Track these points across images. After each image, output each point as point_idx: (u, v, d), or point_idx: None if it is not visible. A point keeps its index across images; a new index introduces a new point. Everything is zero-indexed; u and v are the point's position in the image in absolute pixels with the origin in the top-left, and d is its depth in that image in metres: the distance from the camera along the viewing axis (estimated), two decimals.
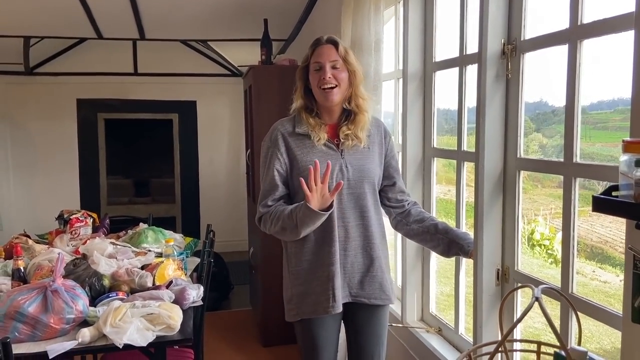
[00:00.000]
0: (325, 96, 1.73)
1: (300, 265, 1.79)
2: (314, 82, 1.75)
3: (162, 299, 1.91)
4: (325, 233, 1.75)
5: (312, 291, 1.78)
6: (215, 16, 4.04)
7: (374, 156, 1.82)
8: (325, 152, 1.76)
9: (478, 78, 1.77)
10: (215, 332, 3.81)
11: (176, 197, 6.37)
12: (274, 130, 1.82)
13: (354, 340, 1.90)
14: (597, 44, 1.42)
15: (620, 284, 1.12)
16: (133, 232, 2.71)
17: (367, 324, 1.88)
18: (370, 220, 1.81)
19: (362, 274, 1.82)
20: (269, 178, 1.79)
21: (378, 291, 1.83)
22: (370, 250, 1.81)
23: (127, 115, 6.11)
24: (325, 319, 1.81)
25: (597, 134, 4.27)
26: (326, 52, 1.74)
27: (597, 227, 5.11)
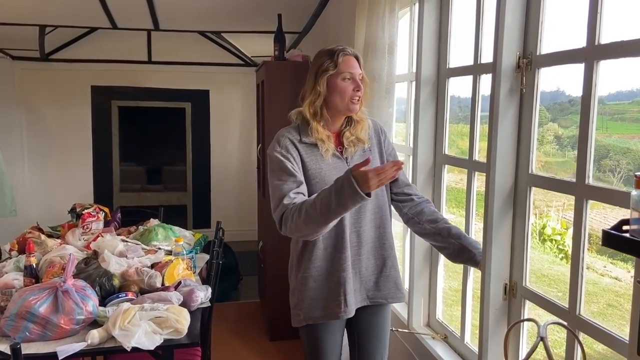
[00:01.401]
0: (352, 107, 1.75)
1: (309, 271, 1.79)
2: (345, 91, 1.72)
3: (171, 301, 1.93)
4: (336, 239, 1.76)
5: (322, 297, 1.79)
6: (230, 8, 4.02)
7: (375, 158, 1.84)
8: (334, 163, 1.77)
9: (492, 90, 1.75)
10: (223, 324, 3.85)
11: (187, 185, 6.41)
12: (281, 137, 1.79)
13: (358, 342, 1.92)
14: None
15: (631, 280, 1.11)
16: (144, 228, 2.74)
17: (371, 327, 1.90)
18: (381, 222, 1.84)
19: (376, 276, 1.85)
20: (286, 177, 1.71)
21: (394, 290, 1.88)
22: (382, 250, 1.85)
23: (140, 103, 6.14)
24: (332, 323, 1.83)
25: (614, 125, 4.19)
26: (355, 64, 1.75)
27: (609, 219, 5.05)
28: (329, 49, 1.78)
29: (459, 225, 1.99)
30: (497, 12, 1.70)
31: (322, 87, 1.72)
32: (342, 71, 1.72)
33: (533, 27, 1.66)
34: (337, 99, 1.73)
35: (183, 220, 6.20)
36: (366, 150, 1.83)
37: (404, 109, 2.83)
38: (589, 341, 3.32)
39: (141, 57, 5.87)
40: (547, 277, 5.72)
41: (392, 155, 1.92)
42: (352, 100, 1.73)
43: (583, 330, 1.47)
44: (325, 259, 1.78)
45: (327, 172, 1.75)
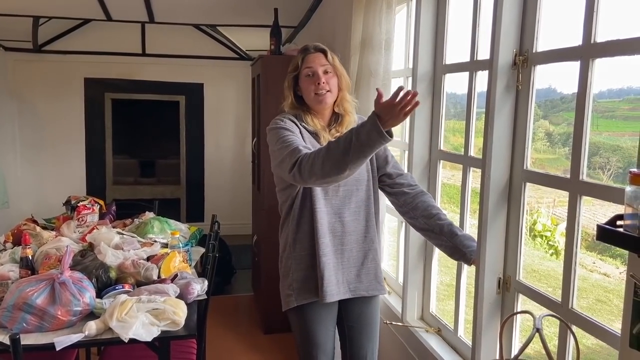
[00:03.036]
0: (319, 101, 1.80)
1: (301, 251, 1.85)
2: (308, 88, 1.80)
3: (168, 293, 1.95)
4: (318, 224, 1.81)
5: (311, 278, 1.84)
6: (225, 2, 4.01)
7: None
8: None
9: (488, 87, 1.77)
10: (217, 318, 3.87)
11: (181, 178, 6.40)
12: (283, 116, 1.84)
13: (348, 334, 1.96)
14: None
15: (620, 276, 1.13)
16: (139, 221, 2.74)
17: (361, 320, 1.95)
18: (366, 215, 1.90)
19: (358, 268, 1.89)
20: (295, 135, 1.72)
21: (374, 282, 1.92)
22: (365, 243, 1.90)
23: (134, 95, 6.11)
24: (322, 310, 1.86)
25: (604, 123, 4.23)
26: (317, 59, 1.81)
27: (599, 216, 5.12)
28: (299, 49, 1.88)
29: (454, 221, 2.02)
30: (494, 9, 1.72)
31: (288, 90, 1.84)
32: (303, 69, 1.81)
33: (530, 25, 1.68)
34: (305, 96, 1.83)
35: (177, 213, 6.19)
36: None
37: None
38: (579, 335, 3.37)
39: (135, 50, 5.84)
40: (537, 272, 5.78)
41: (378, 154, 1.94)
42: (316, 94, 1.80)
43: (576, 324, 1.50)
44: (311, 242, 1.83)
45: None
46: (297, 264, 1.85)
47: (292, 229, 1.87)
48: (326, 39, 3.64)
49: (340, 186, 1.83)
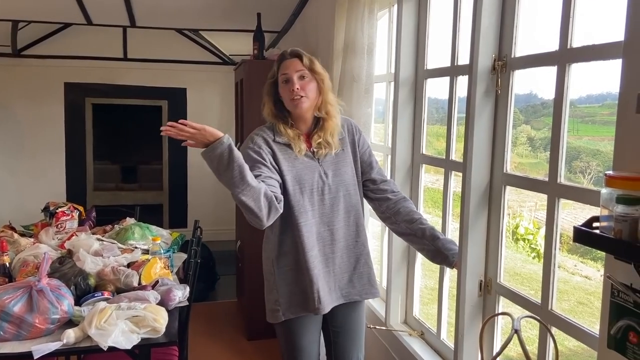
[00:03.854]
0: (295, 106, 1.79)
1: (288, 265, 1.82)
2: (285, 94, 1.80)
3: (148, 300, 1.92)
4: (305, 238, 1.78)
5: (300, 290, 1.81)
6: (208, 6, 3.99)
7: (348, 157, 1.89)
8: (307, 162, 1.82)
9: (468, 91, 1.78)
10: (200, 324, 3.83)
11: (164, 184, 6.34)
12: (255, 135, 1.83)
13: (334, 340, 1.95)
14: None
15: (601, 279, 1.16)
16: (120, 227, 2.70)
17: (346, 324, 1.94)
18: (355, 220, 1.88)
19: (350, 273, 1.88)
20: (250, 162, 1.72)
21: (368, 286, 1.91)
22: (355, 248, 1.89)
23: (115, 100, 6.05)
24: (308, 320, 1.85)
25: (584, 128, 4.30)
26: (292, 65, 1.80)
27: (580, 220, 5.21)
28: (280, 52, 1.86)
29: (436, 225, 2.03)
30: (473, 15, 1.74)
31: (267, 96, 1.84)
32: (280, 75, 1.81)
33: (508, 31, 1.71)
34: (285, 102, 1.82)
35: (159, 219, 6.13)
36: (339, 151, 1.87)
37: (382, 109, 2.86)
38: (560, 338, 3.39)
39: (117, 54, 5.79)
40: (519, 275, 5.84)
41: (367, 153, 1.96)
42: (292, 100, 1.78)
43: (555, 325, 1.52)
44: (297, 257, 1.80)
45: (302, 170, 1.79)
46: (282, 280, 1.83)
47: (275, 244, 1.84)
48: (309, 43, 3.64)
49: (325, 194, 1.81)
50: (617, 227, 1.02)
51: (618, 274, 1.14)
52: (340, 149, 1.87)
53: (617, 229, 1.02)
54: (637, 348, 1.11)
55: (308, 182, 1.79)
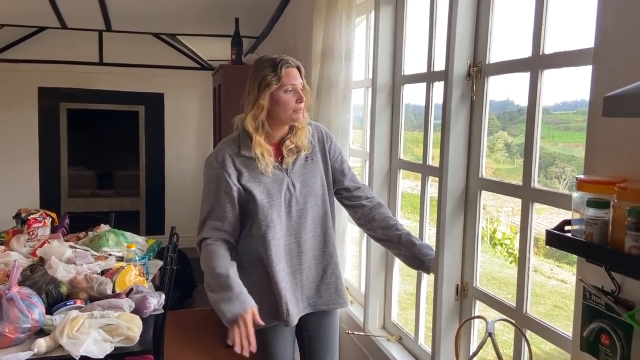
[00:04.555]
0: (295, 117, 1.75)
1: (254, 277, 1.79)
2: (288, 104, 1.71)
3: (122, 308, 1.89)
4: (272, 252, 1.75)
5: (267, 302, 1.77)
6: (185, 11, 3.97)
7: (318, 167, 1.85)
8: (273, 175, 1.76)
9: (444, 97, 1.80)
10: (176, 332, 3.77)
11: (141, 190, 6.25)
12: (219, 150, 1.77)
13: (308, 345, 1.94)
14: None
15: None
16: (94, 234, 2.65)
17: (320, 330, 1.92)
18: (322, 230, 1.85)
19: (317, 283, 1.86)
20: (215, 202, 1.73)
21: (335, 296, 1.88)
22: (323, 258, 1.86)
23: (90, 105, 5.95)
24: (281, 327, 1.83)
25: (559, 134, 4.38)
26: (297, 75, 1.74)
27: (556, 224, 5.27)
28: (270, 59, 1.74)
29: (414, 230, 2.04)
30: (448, 22, 1.76)
31: (265, 102, 1.70)
32: (285, 84, 1.70)
33: (482, 37, 1.73)
34: (281, 111, 1.72)
35: (136, 226, 6.03)
36: (308, 161, 1.83)
37: (360, 115, 2.87)
38: (537, 341, 3.43)
39: (92, 59, 5.70)
40: (497, 280, 5.91)
41: (339, 161, 1.91)
42: (295, 112, 1.73)
43: (530, 328, 1.53)
44: (265, 269, 1.77)
45: (267, 185, 1.75)
46: (250, 291, 1.75)
47: (244, 256, 1.80)
48: (288, 49, 3.65)
49: (292, 206, 1.78)
50: (588, 230, 1.03)
51: (590, 277, 1.16)
52: (311, 158, 1.84)
53: (588, 232, 1.03)
54: (609, 350, 1.12)
55: (276, 195, 1.75)
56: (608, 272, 1.08)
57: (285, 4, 3.69)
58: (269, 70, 1.70)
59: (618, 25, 1.13)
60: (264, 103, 1.70)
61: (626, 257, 0.96)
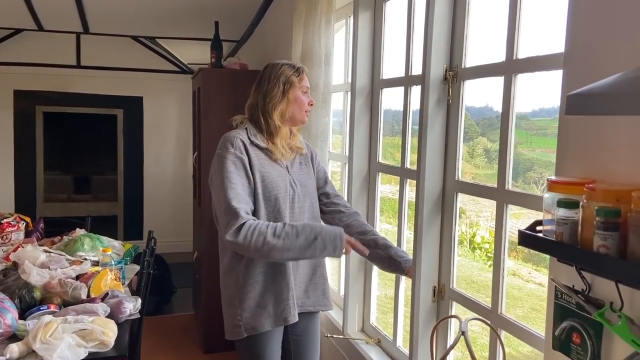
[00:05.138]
0: (304, 118, 1.88)
1: (253, 278, 1.77)
2: (303, 103, 1.85)
3: (97, 312, 1.85)
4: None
5: (267, 304, 1.77)
6: (165, 14, 3.94)
7: (310, 171, 1.94)
8: (280, 170, 1.82)
9: (421, 100, 1.82)
10: (154, 338, 3.72)
11: (119, 195, 6.16)
12: (232, 137, 1.77)
13: (294, 348, 1.93)
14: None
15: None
16: (69, 238, 2.60)
17: (305, 332, 1.94)
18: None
19: (306, 284, 1.88)
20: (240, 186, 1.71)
21: (321, 297, 1.91)
22: (314, 260, 1.88)
23: (67, 108, 5.85)
24: (274, 333, 1.82)
25: (537, 140, 4.45)
26: (308, 81, 1.89)
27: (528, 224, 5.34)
28: (289, 63, 1.87)
29: (393, 234, 2.05)
30: (425, 27, 1.78)
31: (292, 98, 1.83)
32: (303, 86, 1.85)
33: (458, 42, 1.76)
34: (297, 110, 1.84)
35: (114, 231, 5.94)
36: (302, 165, 1.90)
37: (341, 120, 2.88)
38: (515, 343, 3.45)
39: (69, 61, 5.62)
40: (476, 283, 5.97)
41: (322, 170, 2.01)
42: (306, 113, 1.88)
43: (504, 329, 1.55)
44: (270, 265, 1.77)
45: (276, 178, 1.79)
46: (246, 294, 1.77)
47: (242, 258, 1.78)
48: (268, 53, 3.65)
49: (295, 203, 1.82)
50: (558, 230, 1.05)
51: (561, 276, 1.18)
52: (304, 163, 1.91)
53: (559, 232, 1.05)
54: (580, 348, 1.15)
55: (282, 189, 1.79)
56: (578, 271, 1.10)
57: (265, 8, 3.69)
58: (292, 71, 1.84)
59: (587, 31, 1.16)
60: (292, 99, 1.82)
61: (595, 256, 0.98)
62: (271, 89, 1.81)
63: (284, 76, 1.82)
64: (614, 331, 1.04)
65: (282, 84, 1.81)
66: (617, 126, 1.08)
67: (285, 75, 1.82)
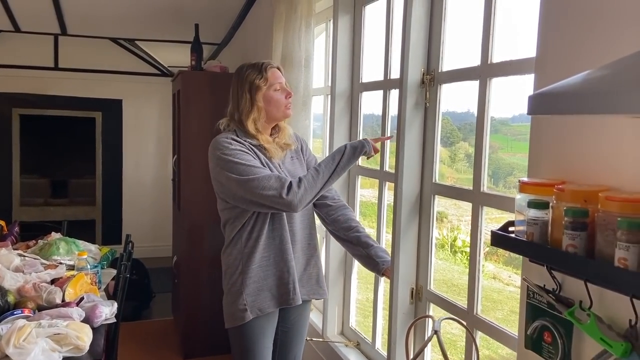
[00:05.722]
0: (287, 113, 1.85)
1: (255, 263, 1.80)
2: (279, 101, 1.82)
3: (71, 317, 1.83)
4: (282, 231, 1.82)
5: (268, 287, 1.81)
6: (144, 16, 3.91)
7: (302, 165, 1.95)
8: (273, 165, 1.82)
9: (399, 104, 1.84)
10: (133, 344, 3.67)
11: (97, 199, 6.07)
12: (224, 137, 1.78)
13: (282, 338, 1.96)
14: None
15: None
16: (44, 242, 2.56)
17: (296, 323, 1.96)
18: (309, 223, 1.93)
19: (300, 273, 1.91)
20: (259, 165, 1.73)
21: (315, 286, 1.94)
22: (308, 250, 1.93)
23: (45, 111, 5.75)
24: (268, 323, 1.85)
25: (517, 145, 4.52)
26: (280, 74, 1.85)
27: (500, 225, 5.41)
28: (252, 64, 1.84)
29: (372, 237, 2.06)
30: (403, 31, 1.81)
31: (261, 103, 1.80)
32: (272, 83, 1.81)
33: (435, 46, 1.78)
34: (274, 109, 1.83)
35: (92, 235, 5.85)
36: (293, 157, 1.91)
37: (321, 125, 2.89)
38: (495, 345, 3.47)
39: (47, 63, 5.52)
40: (456, 286, 6.02)
41: (312, 162, 2.00)
42: (287, 107, 1.85)
43: (480, 329, 1.57)
44: (273, 249, 1.81)
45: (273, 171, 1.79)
46: (250, 278, 1.80)
47: (249, 245, 1.81)
48: (248, 55, 3.65)
49: None
50: (529, 230, 1.08)
51: (533, 276, 1.20)
52: (295, 157, 1.93)
53: (529, 232, 1.07)
54: (552, 347, 1.17)
55: None
56: (549, 270, 1.12)
57: (246, 12, 3.69)
58: (255, 74, 1.80)
59: (557, 36, 1.19)
60: (261, 104, 1.80)
61: (564, 255, 1.00)
62: (240, 99, 1.81)
63: (247, 83, 1.80)
64: (583, 330, 1.06)
65: (247, 92, 1.80)
66: (584, 127, 1.11)
67: (249, 82, 1.80)
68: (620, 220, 0.90)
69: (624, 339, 0.98)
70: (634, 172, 1.00)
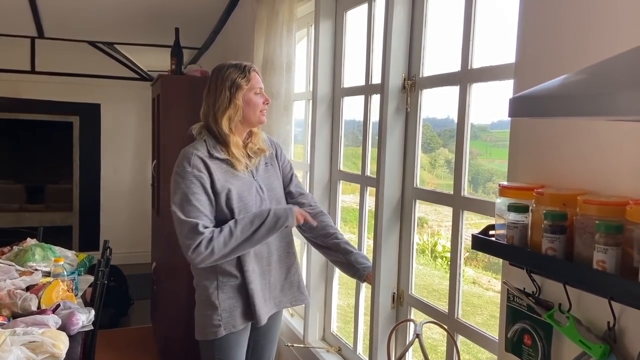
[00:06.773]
0: (262, 119, 1.83)
1: (230, 280, 1.78)
2: (257, 104, 1.80)
3: (47, 324, 1.79)
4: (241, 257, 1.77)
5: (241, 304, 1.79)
6: (124, 19, 3.87)
7: (276, 172, 1.93)
8: (245, 178, 1.80)
9: (380, 109, 1.85)
10: (111, 352, 3.60)
11: (74, 204, 5.96)
12: (190, 155, 1.74)
13: (255, 345, 1.95)
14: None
15: None
16: (19, 248, 2.50)
17: (269, 330, 1.95)
18: (286, 233, 1.90)
19: (282, 283, 1.90)
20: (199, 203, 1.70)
21: (297, 293, 1.94)
22: (287, 258, 1.91)
23: (20, 115, 5.64)
24: (242, 335, 1.83)
25: (496, 151, 4.58)
26: (260, 79, 1.84)
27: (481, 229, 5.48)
28: (235, 64, 1.83)
29: (353, 242, 2.06)
30: (384, 36, 1.82)
31: (240, 102, 1.78)
32: (254, 86, 1.81)
33: (416, 52, 1.80)
34: (251, 112, 1.80)
35: (68, 241, 5.74)
36: (267, 166, 1.89)
37: (303, 130, 2.89)
38: (475, 350, 3.49)
39: (23, 66, 5.42)
40: (437, 291, 6.07)
41: (288, 167, 1.99)
42: (262, 113, 1.83)
43: (460, 333, 1.58)
44: (236, 273, 1.78)
45: (241, 188, 1.77)
46: (225, 294, 1.78)
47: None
48: (230, 60, 3.61)
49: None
50: (509, 233, 1.09)
51: (513, 279, 1.22)
52: (269, 164, 1.90)
53: (509, 235, 1.08)
54: (531, 350, 1.18)
55: (248, 197, 1.78)
56: (529, 273, 1.13)
57: (227, 16, 3.68)
58: (238, 73, 1.79)
59: (536, 42, 1.21)
60: (240, 103, 1.77)
61: (543, 258, 1.01)
62: (218, 96, 1.78)
63: (229, 80, 1.78)
64: (563, 332, 1.07)
65: (227, 89, 1.77)
66: (563, 131, 1.12)
67: (230, 80, 1.78)
68: (598, 223, 0.91)
69: (602, 341, 0.99)
70: (612, 176, 1.02)
